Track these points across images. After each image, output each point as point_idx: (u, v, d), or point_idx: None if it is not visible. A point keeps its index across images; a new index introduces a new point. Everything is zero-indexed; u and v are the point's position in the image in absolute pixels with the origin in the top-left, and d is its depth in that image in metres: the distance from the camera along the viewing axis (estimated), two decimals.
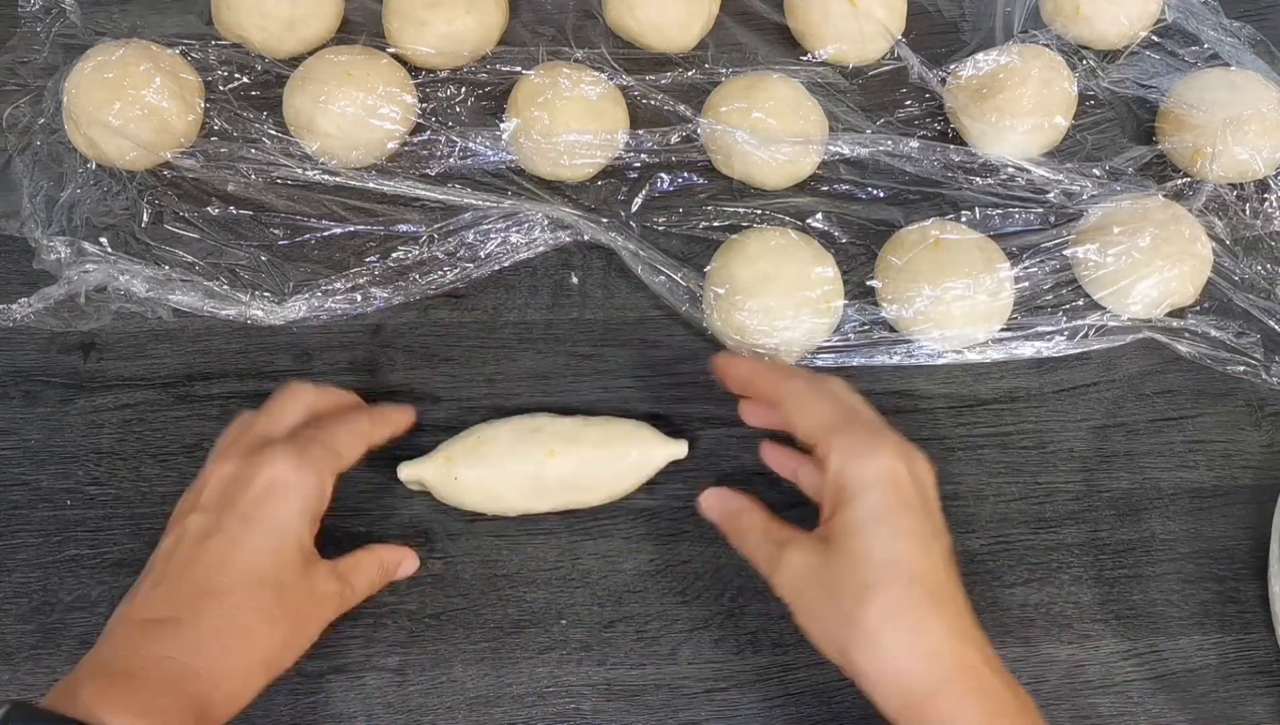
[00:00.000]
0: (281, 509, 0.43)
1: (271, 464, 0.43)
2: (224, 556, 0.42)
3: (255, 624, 0.41)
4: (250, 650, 0.41)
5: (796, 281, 0.54)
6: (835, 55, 0.64)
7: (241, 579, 0.42)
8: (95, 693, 0.37)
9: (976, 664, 0.39)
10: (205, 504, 0.43)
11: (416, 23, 0.61)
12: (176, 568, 0.42)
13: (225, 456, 0.45)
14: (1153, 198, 0.59)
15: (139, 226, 0.58)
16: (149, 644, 0.40)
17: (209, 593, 0.41)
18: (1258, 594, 0.52)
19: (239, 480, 0.44)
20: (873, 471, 0.41)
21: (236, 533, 0.42)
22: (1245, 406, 0.56)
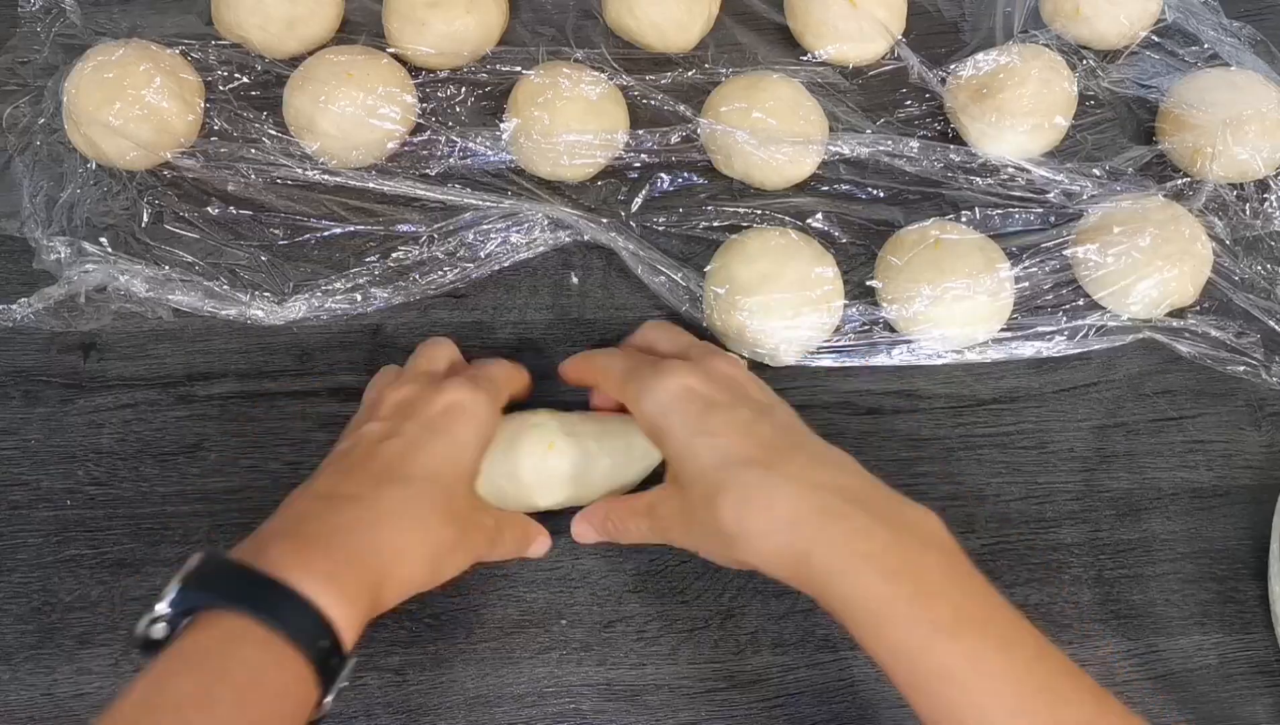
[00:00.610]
0: (460, 428, 0.45)
1: (452, 390, 0.45)
2: (404, 453, 0.43)
3: (429, 515, 0.42)
4: (423, 539, 0.42)
5: (796, 281, 0.54)
6: (835, 55, 0.64)
7: (421, 473, 0.43)
8: (283, 553, 0.38)
9: (836, 507, 0.40)
10: (384, 415, 0.45)
11: (416, 23, 0.61)
12: (357, 459, 0.43)
13: (398, 384, 0.46)
14: (1153, 198, 0.59)
15: (139, 226, 0.58)
16: (333, 515, 0.40)
17: (390, 478, 0.42)
18: (1258, 594, 0.52)
19: (419, 400, 0.45)
20: (664, 398, 0.43)
21: (417, 437, 0.44)
22: (1245, 406, 0.56)
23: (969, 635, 0.37)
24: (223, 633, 0.35)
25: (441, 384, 0.46)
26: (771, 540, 0.40)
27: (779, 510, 0.40)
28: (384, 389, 0.47)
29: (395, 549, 0.41)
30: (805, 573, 0.40)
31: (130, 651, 0.49)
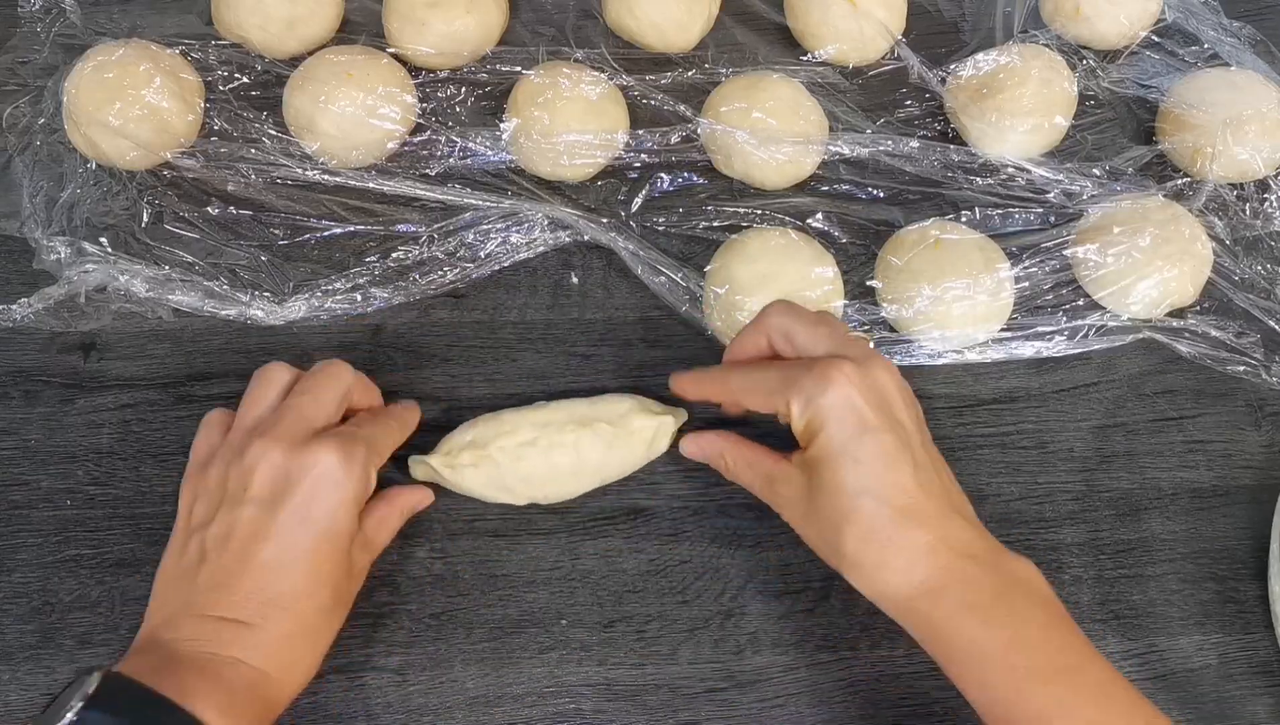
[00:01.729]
0: (334, 507, 0.44)
1: (321, 460, 0.44)
2: (283, 563, 0.43)
3: (318, 624, 0.44)
4: (315, 650, 0.44)
5: (796, 281, 0.54)
6: (835, 55, 0.64)
7: (304, 587, 0.43)
8: (186, 680, 0.39)
9: (950, 562, 0.41)
10: (256, 497, 0.43)
11: (416, 23, 0.61)
12: (235, 566, 0.42)
13: (271, 441, 0.44)
14: (1153, 198, 0.59)
15: (139, 226, 0.58)
16: (224, 646, 0.41)
17: (274, 602, 0.42)
18: (1258, 594, 0.52)
19: (290, 474, 0.44)
20: (826, 407, 0.43)
21: (293, 535, 0.43)
22: (1245, 406, 0.56)
23: (1063, 683, 0.39)
24: None
25: (310, 451, 0.44)
26: (882, 578, 0.42)
27: (897, 558, 0.42)
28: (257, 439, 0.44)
29: (287, 672, 0.43)
30: (907, 613, 0.43)
31: None
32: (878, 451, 0.43)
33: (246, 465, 0.44)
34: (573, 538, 0.52)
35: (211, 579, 0.42)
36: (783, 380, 0.45)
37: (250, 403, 0.47)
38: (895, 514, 0.42)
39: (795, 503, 0.45)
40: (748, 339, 0.49)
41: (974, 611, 0.41)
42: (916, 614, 0.42)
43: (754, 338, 0.48)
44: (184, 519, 0.46)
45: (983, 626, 0.41)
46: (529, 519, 0.52)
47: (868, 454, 0.43)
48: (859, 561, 0.42)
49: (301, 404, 0.46)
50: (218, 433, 0.48)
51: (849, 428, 0.43)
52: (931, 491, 0.43)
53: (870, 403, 0.43)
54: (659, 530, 0.52)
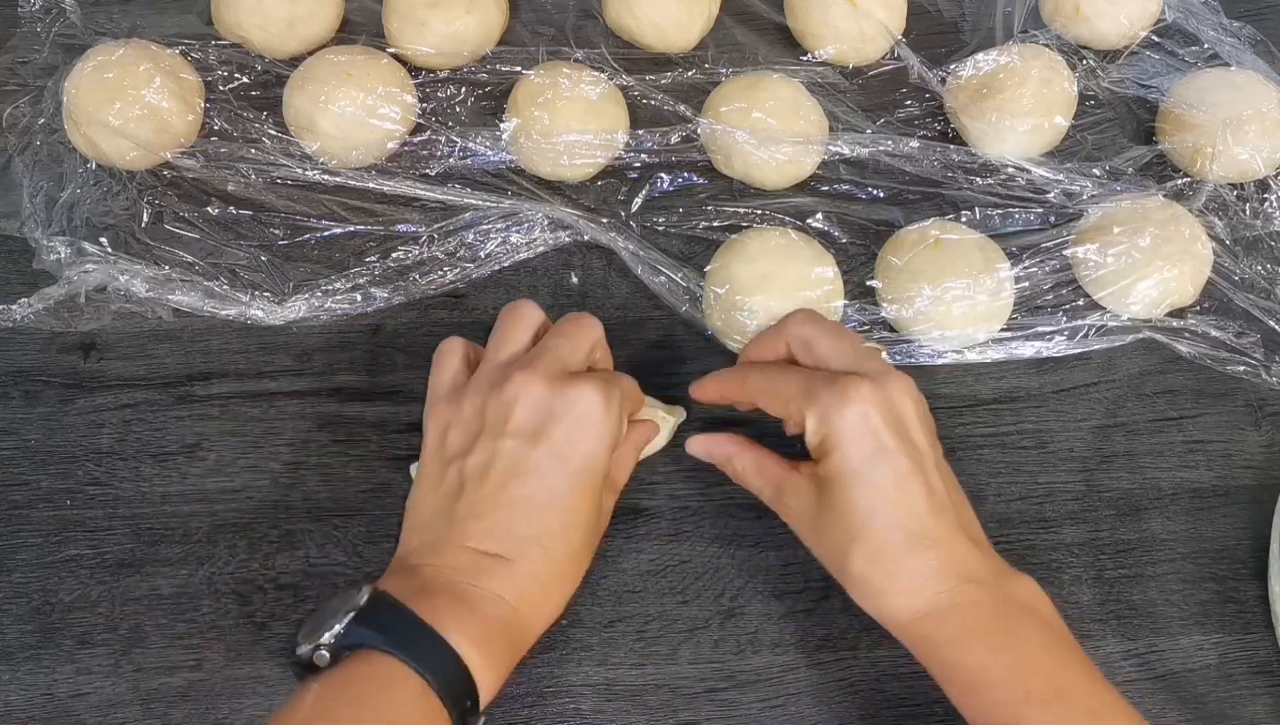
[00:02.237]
0: (593, 448, 0.44)
1: (584, 398, 0.44)
2: (543, 499, 0.43)
3: (569, 568, 0.44)
4: (563, 591, 0.45)
5: (796, 281, 0.54)
6: (835, 55, 0.64)
7: (560, 525, 0.43)
8: (444, 609, 0.39)
9: (954, 586, 0.42)
10: (517, 429, 0.43)
11: (416, 23, 0.61)
12: (493, 498, 0.43)
13: (532, 374, 0.44)
14: (1153, 198, 0.59)
15: (139, 226, 0.58)
16: (484, 578, 0.41)
17: (532, 539, 0.42)
18: (1258, 594, 0.52)
19: (553, 410, 0.43)
20: (843, 426, 0.43)
21: (553, 476, 0.43)
22: (1245, 406, 0.56)
23: (1061, 705, 0.39)
24: (384, 675, 0.37)
25: (572, 391, 0.44)
26: (886, 599, 0.43)
27: (902, 579, 0.42)
28: (519, 372, 0.44)
29: (537, 614, 0.43)
30: (909, 634, 0.43)
31: (129, 653, 0.49)
32: (892, 475, 0.43)
33: (508, 397, 0.44)
34: None
35: (470, 509, 0.43)
36: (801, 390, 0.45)
37: (503, 338, 0.47)
38: (905, 538, 0.42)
39: (804, 515, 0.45)
40: (766, 343, 0.49)
41: (975, 635, 0.41)
42: (918, 636, 0.42)
43: (773, 343, 0.48)
44: (435, 446, 0.45)
45: (984, 651, 0.41)
46: None
47: (881, 477, 0.42)
48: (865, 581, 0.43)
49: (559, 345, 0.46)
50: (459, 362, 0.48)
51: (864, 449, 0.43)
52: (942, 515, 0.43)
53: (887, 424, 0.43)
54: (659, 530, 0.52)
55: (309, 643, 0.38)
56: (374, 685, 0.37)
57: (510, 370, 0.45)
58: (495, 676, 0.40)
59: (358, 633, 0.38)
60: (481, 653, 0.39)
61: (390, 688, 0.37)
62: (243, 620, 0.49)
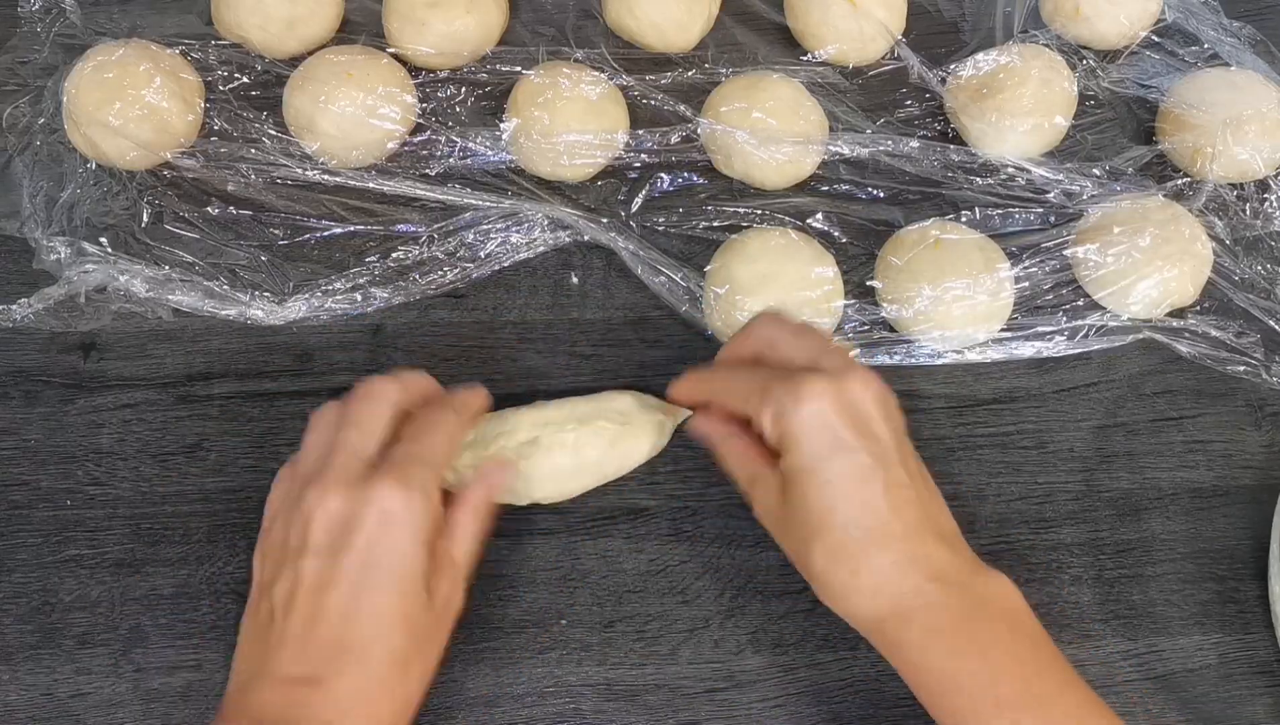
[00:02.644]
0: (399, 545, 0.41)
1: (379, 498, 0.41)
2: (349, 610, 0.40)
3: (393, 673, 0.41)
4: (393, 699, 0.41)
5: (796, 281, 0.54)
6: (835, 55, 0.64)
7: (374, 631, 0.41)
8: None
9: (918, 585, 0.41)
10: (316, 547, 0.41)
11: (416, 23, 0.61)
12: (302, 622, 0.40)
13: (324, 487, 0.42)
14: (1153, 198, 0.59)
15: (139, 226, 0.58)
16: (297, 707, 0.39)
17: (345, 649, 0.40)
18: (1258, 594, 0.52)
19: (349, 520, 0.41)
20: (798, 423, 0.42)
21: (358, 581, 0.41)
22: (1245, 406, 0.56)
23: (1032, 710, 0.39)
24: None
25: (367, 492, 0.41)
26: (850, 600, 0.42)
27: (864, 577, 0.41)
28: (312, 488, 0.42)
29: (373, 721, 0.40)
30: (876, 635, 0.42)
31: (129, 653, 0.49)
32: (849, 470, 0.42)
33: (303, 516, 0.42)
34: (573, 538, 0.52)
35: (281, 638, 0.41)
36: (759, 388, 0.44)
37: (305, 448, 0.45)
38: (864, 535, 0.41)
39: (770, 512, 0.45)
40: (736, 345, 0.49)
41: (941, 639, 0.40)
42: (885, 637, 0.42)
43: (741, 345, 0.48)
44: (256, 578, 0.43)
45: (949, 656, 0.40)
46: (529, 519, 0.52)
47: (838, 473, 0.42)
48: (827, 580, 0.42)
49: (348, 439, 0.43)
50: (286, 485, 0.45)
51: (820, 445, 0.42)
52: (904, 511, 0.42)
53: (844, 419, 0.42)
54: (659, 530, 0.52)
55: None
56: None
57: (305, 485, 0.42)
58: None
59: None
60: None
61: None
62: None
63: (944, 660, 0.40)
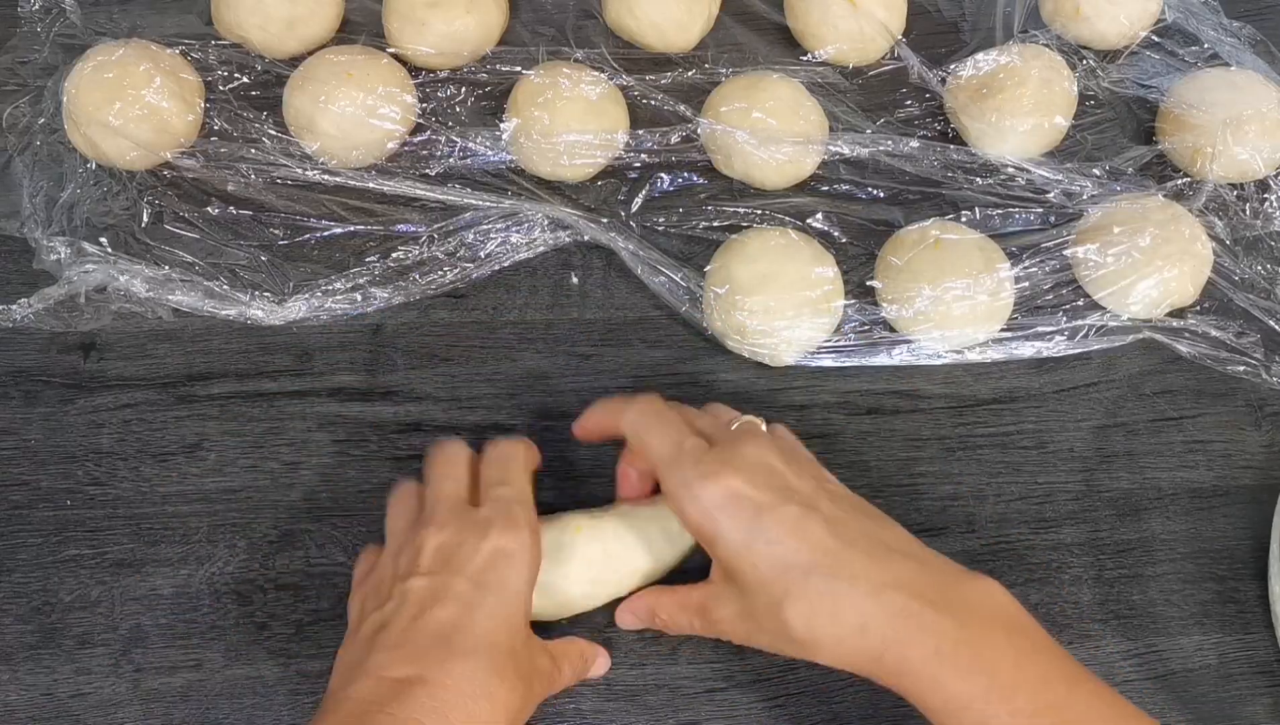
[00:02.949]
0: (510, 577, 0.43)
1: (497, 534, 0.43)
2: (460, 620, 0.41)
3: (497, 688, 0.41)
4: (492, 714, 0.41)
5: (796, 281, 0.54)
6: (835, 55, 0.64)
7: (481, 642, 0.41)
8: None
9: (903, 606, 0.40)
10: (427, 568, 0.42)
11: (416, 23, 0.61)
12: (410, 626, 0.41)
13: (437, 524, 0.43)
14: (1153, 198, 0.59)
15: (139, 226, 0.58)
16: (402, 705, 0.39)
17: (453, 653, 0.40)
18: (1258, 594, 0.52)
19: (461, 547, 0.42)
20: (709, 503, 0.42)
21: (470, 597, 0.41)
22: (1245, 406, 0.56)
23: (1049, 715, 0.38)
24: None
25: (484, 528, 0.43)
26: (843, 646, 0.41)
27: (847, 617, 0.40)
28: (419, 530, 0.44)
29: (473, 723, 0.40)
30: (880, 672, 0.41)
31: (129, 653, 0.49)
32: (782, 526, 0.41)
33: (414, 548, 0.43)
34: None
35: (387, 640, 0.41)
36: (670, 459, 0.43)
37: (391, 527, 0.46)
38: (826, 578, 0.40)
39: (736, 617, 0.43)
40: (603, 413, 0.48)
41: (942, 661, 0.39)
42: (888, 670, 0.40)
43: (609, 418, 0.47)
44: (355, 622, 0.44)
45: (955, 677, 0.39)
46: None
47: (773, 533, 0.41)
48: (814, 638, 0.41)
49: (443, 488, 0.45)
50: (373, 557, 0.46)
51: (743, 517, 0.41)
52: (857, 543, 0.41)
53: (755, 486, 0.42)
54: None
55: None
56: None
57: (413, 531, 0.44)
58: None
59: None
60: None
61: None
62: (242, 620, 0.49)
63: (951, 684, 0.39)
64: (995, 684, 0.39)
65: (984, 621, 0.40)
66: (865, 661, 0.41)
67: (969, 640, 0.40)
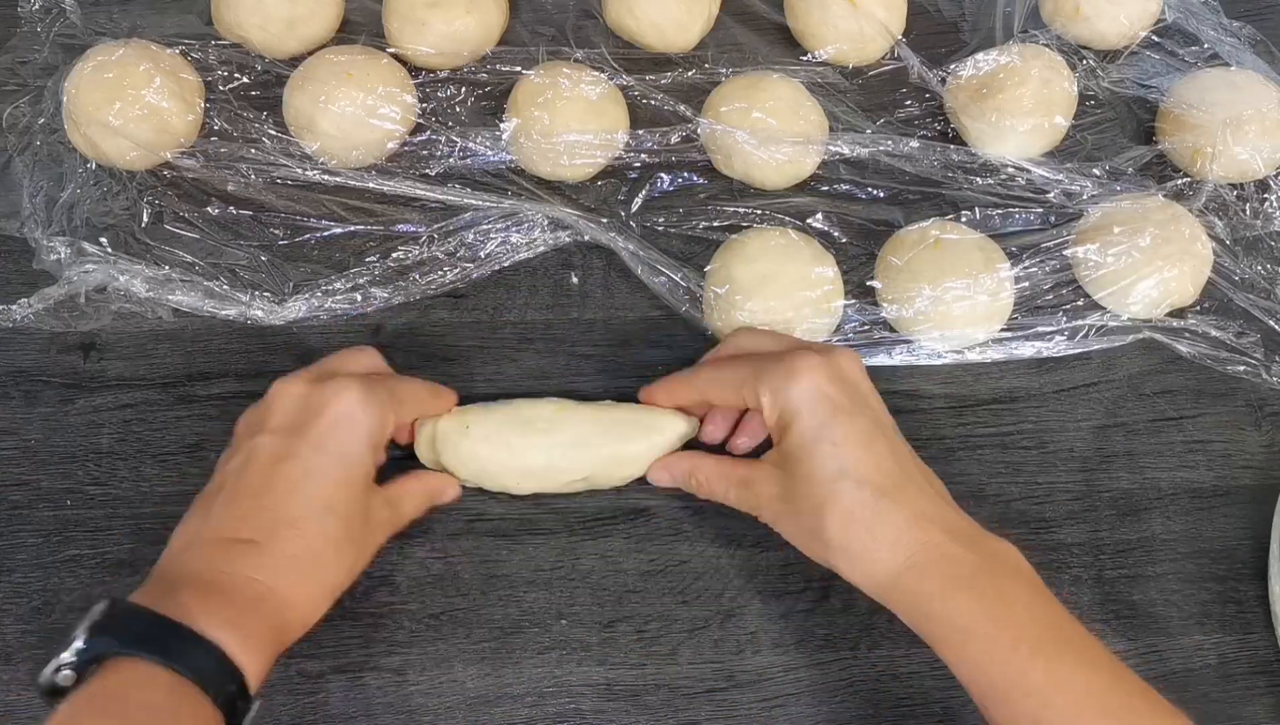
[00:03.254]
0: (350, 440, 0.44)
1: (340, 395, 0.45)
2: (297, 483, 0.43)
3: (326, 552, 0.43)
4: (322, 576, 0.43)
5: (796, 281, 0.54)
6: (835, 55, 0.64)
7: (313, 508, 0.43)
8: (188, 599, 0.38)
9: (934, 538, 0.42)
10: (275, 427, 0.44)
11: (416, 23, 0.61)
12: (250, 488, 0.43)
13: (292, 379, 0.46)
14: (1153, 198, 0.59)
15: (139, 226, 0.58)
16: (233, 562, 0.41)
17: (285, 520, 0.42)
18: (1258, 594, 0.52)
19: (308, 408, 0.44)
20: (797, 396, 0.44)
21: (308, 460, 0.43)
22: (1245, 406, 0.56)
23: (1051, 653, 0.39)
24: (130, 678, 0.36)
25: (330, 387, 0.45)
26: (867, 559, 0.43)
27: (882, 535, 0.42)
28: (276, 387, 0.46)
29: (295, 595, 0.42)
30: (895, 592, 0.42)
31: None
32: (853, 433, 0.43)
33: (266, 402, 0.45)
34: (573, 538, 0.52)
35: (226, 503, 0.43)
36: (752, 372, 0.46)
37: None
38: (876, 492, 0.42)
39: (774, 500, 0.46)
40: (716, 352, 0.51)
41: (960, 586, 0.41)
42: (904, 593, 0.42)
43: (721, 351, 0.51)
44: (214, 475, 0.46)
45: (969, 602, 0.41)
46: (529, 519, 0.52)
47: (843, 436, 0.43)
48: (845, 546, 0.43)
49: (326, 362, 0.48)
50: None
51: (821, 414, 0.44)
52: (911, 471, 0.44)
53: (840, 389, 0.44)
54: (659, 530, 0.52)
55: (50, 666, 0.36)
56: (122, 690, 0.36)
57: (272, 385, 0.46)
58: (259, 659, 0.39)
59: (97, 643, 0.36)
60: (237, 636, 0.38)
61: (140, 688, 0.36)
62: None
63: (965, 607, 0.41)
64: (1006, 615, 0.40)
65: (1005, 567, 0.42)
66: (883, 577, 0.42)
67: (989, 576, 0.41)
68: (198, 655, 0.37)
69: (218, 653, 0.38)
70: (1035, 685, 0.39)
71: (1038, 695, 0.38)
